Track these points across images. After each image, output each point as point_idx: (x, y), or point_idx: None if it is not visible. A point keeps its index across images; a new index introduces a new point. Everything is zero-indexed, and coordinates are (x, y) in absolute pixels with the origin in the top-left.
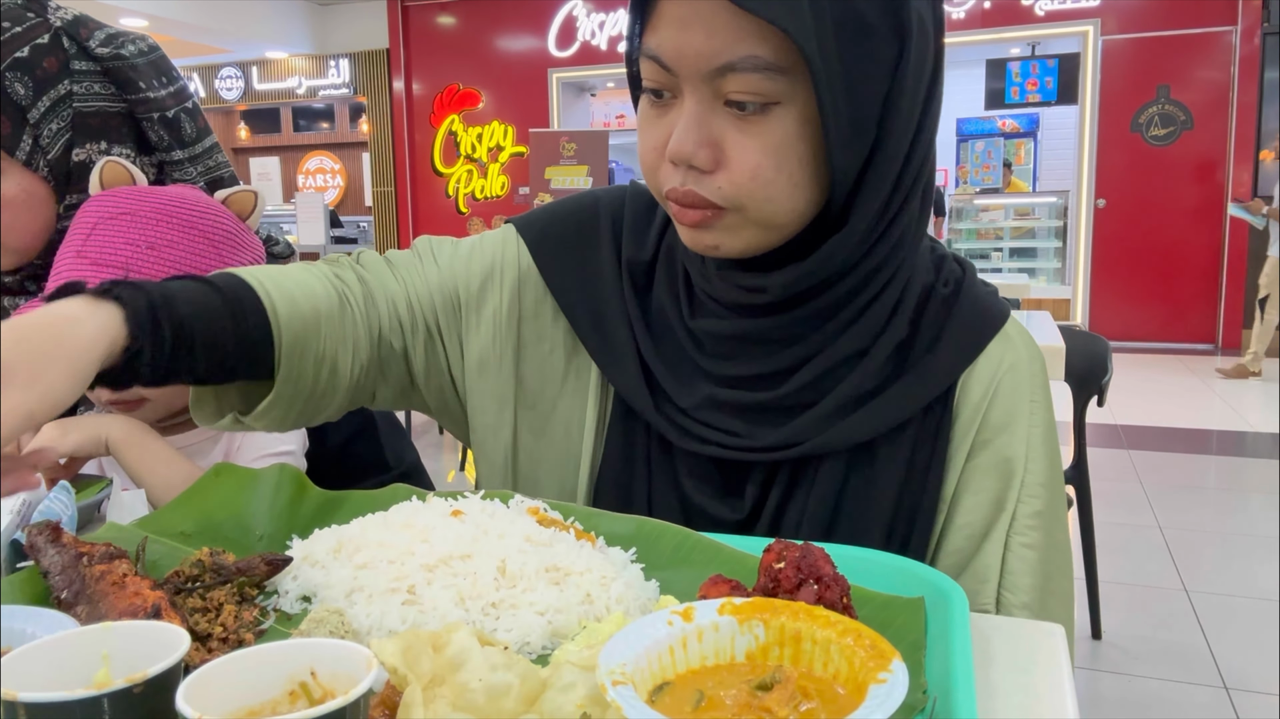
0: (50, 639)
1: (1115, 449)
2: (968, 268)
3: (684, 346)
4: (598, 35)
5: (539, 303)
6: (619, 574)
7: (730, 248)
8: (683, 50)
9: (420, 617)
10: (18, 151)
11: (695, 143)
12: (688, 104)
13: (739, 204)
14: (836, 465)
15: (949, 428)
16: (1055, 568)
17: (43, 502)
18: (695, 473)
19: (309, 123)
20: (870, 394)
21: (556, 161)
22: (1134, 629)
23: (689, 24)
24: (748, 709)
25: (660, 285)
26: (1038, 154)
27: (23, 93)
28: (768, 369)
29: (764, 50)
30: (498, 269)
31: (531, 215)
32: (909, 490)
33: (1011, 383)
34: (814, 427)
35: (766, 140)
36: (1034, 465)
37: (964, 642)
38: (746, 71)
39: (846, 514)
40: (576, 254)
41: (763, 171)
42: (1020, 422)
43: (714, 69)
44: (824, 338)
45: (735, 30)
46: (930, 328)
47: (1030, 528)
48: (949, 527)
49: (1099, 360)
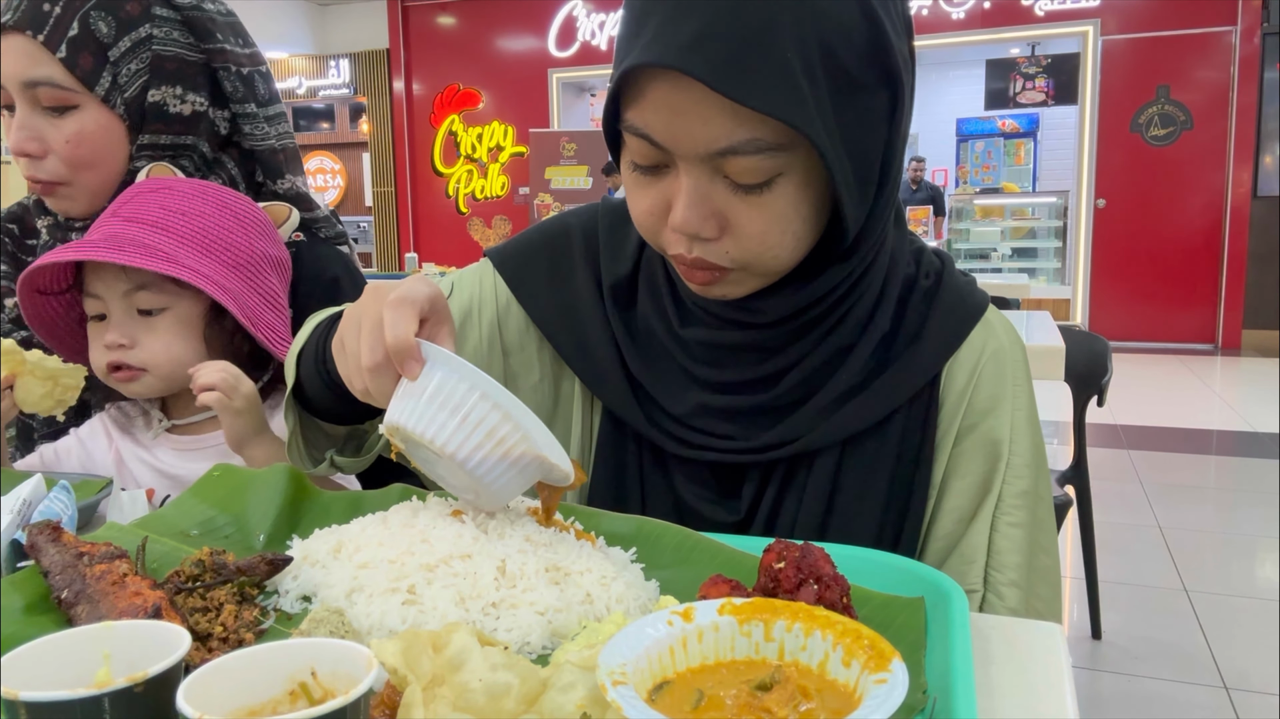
0: (51, 639)
1: (1115, 449)
2: (946, 260)
3: (673, 355)
4: (598, 35)
5: (523, 334)
6: (619, 574)
7: (737, 295)
8: (677, 134)
9: (420, 617)
10: (97, 87)
11: (700, 218)
12: (685, 181)
13: (746, 264)
14: (829, 460)
15: (935, 415)
16: (1040, 545)
17: (43, 502)
18: (690, 479)
19: (309, 123)
20: (859, 387)
21: (556, 161)
22: (1134, 629)
23: (681, 110)
24: (747, 709)
25: (643, 299)
26: (1038, 154)
27: (105, 31)
28: (759, 374)
29: (763, 132)
30: (475, 307)
31: (507, 248)
32: (900, 479)
33: (994, 368)
34: (807, 423)
35: (772, 210)
36: (1019, 446)
37: (964, 642)
38: (748, 154)
39: (841, 508)
40: (554, 281)
41: (770, 237)
42: (1004, 404)
43: (714, 152)
44: (810, 343)
45: (732, 116)
46: (913, 319)
47: (1016, 507)
48: (938, 511)
49: (1099, 360)
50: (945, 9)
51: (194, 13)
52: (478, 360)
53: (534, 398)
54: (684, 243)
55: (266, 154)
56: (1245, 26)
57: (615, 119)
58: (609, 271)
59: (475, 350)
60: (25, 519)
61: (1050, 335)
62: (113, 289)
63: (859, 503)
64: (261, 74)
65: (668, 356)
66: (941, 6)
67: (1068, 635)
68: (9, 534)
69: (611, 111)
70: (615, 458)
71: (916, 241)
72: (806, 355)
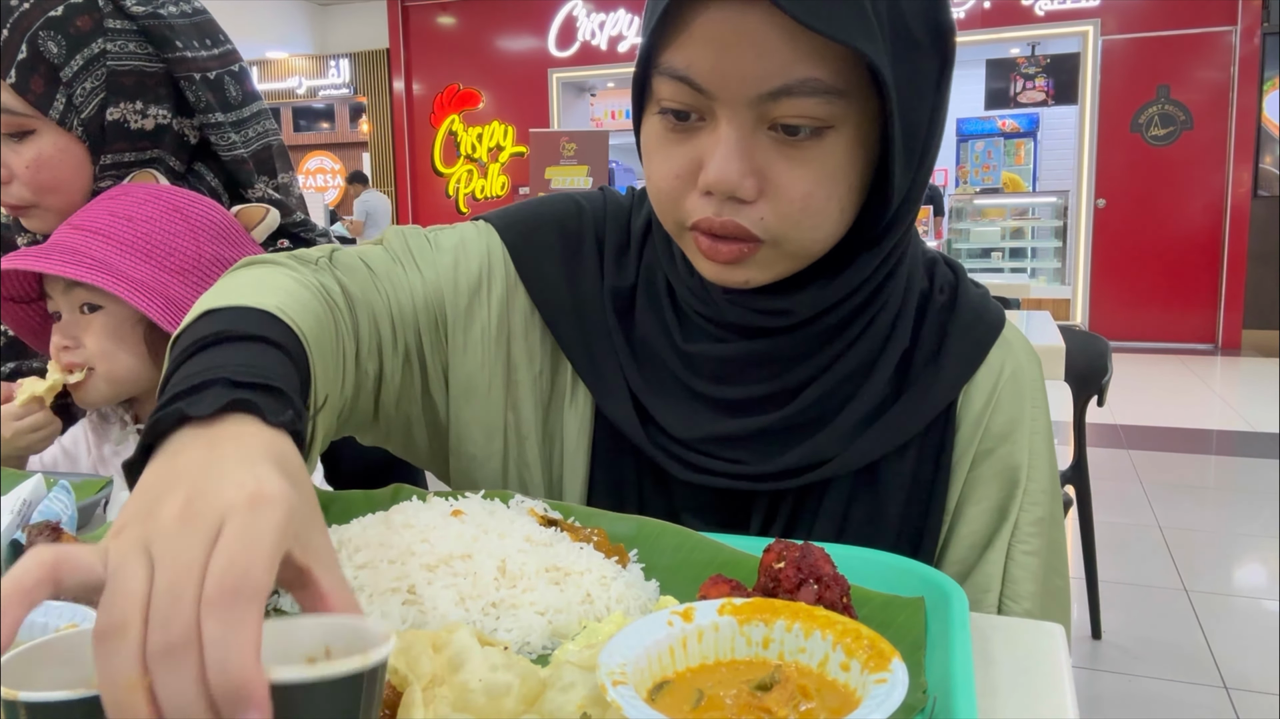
0: (50, 639)
1: (1115, 449)
2: (959, 271)
3: (675, 373)
4: (598, 35)
5: (527, 318)
6: (619, 574)
7: (760, 281)
8: (726, 72)
9: (420, 617)
10: (51, 110)
11: (740, 172)
12: (726, 129)
13: (780, 236)
14: (842, 487)
15: (951, 439)
16: (1053, 569)
17: (43, 502)
18: (694, 506)
19: (309, 123)
20: (879, 409)
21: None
22: (1134, 629)
23: (733, 43)
24: (747, 709)
25: (643, 311)
26: (1038, 154)
27: (56, 51)
28: (771, 390)
29: (823, 72)
30: (484, 280)
31: (512, 217)
32: (914, 506)
33: (1013, 390)
34: (830, 447)
35: (819, 168)
36: (1036, 473)
37: (964, 642)
38: (803, 96)
39: (852, 538)
40: (562, 267)
41: (814, 201)
42: (1022, 429)
43: (765, 93)
44: (831, 354)
45: (791, 50)
46: (930, 338)
47: (1032, 534)
48: (952, 537)
49: (1099, 360)
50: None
51: (150, 21)
52: (484, 347)
53: (533, 390)
54: (713, 205)
55: (234, 163)
56: (1245, 26)
57: (647, 67)
58: (611, 275)
59: (483, 334)
60: (25, 519)
61: (1050, 335)
62: (56, 288)
63: (871, 531)
64: (233, 74)
65: (669, 374)
66: None
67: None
68: (9, 534)
69: (645, 60)
70: (613, 472)
71: (929, 252)
72: (827, 368)
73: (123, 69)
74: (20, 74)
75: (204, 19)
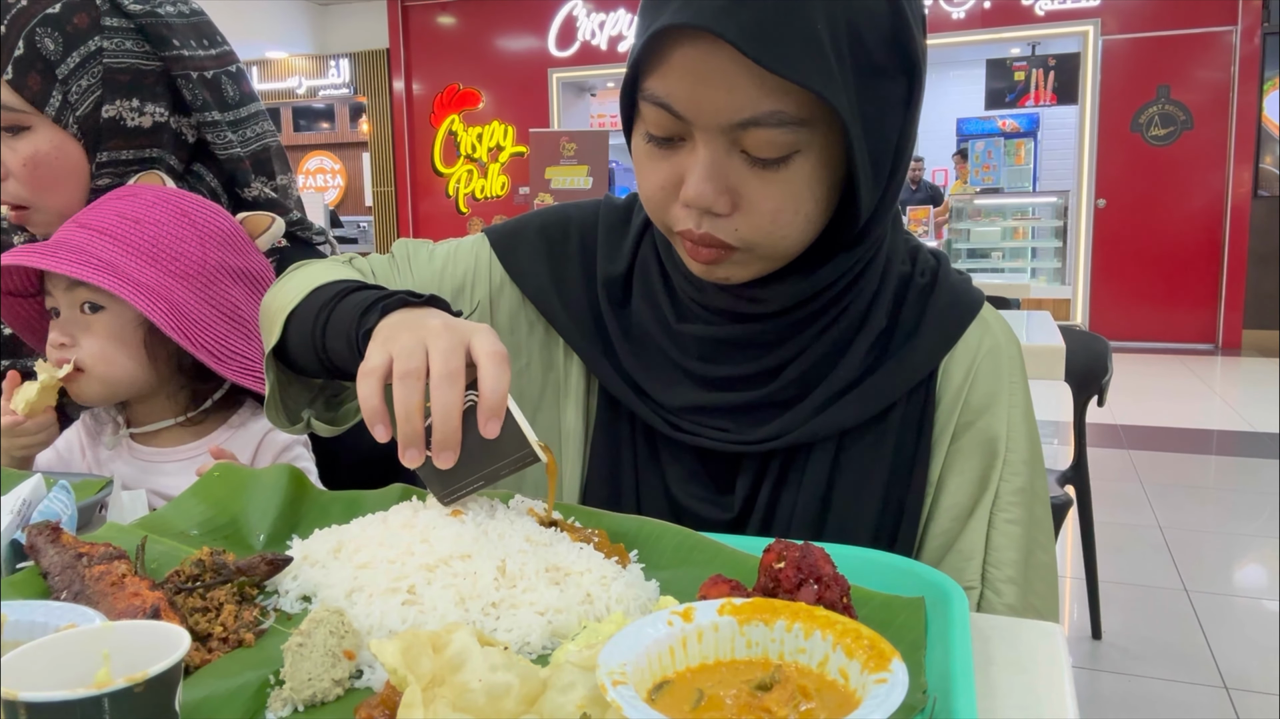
0: (50, 639)
1: (1115, 449)
2: (942, 259)
3: (667, 352)
4: (598, 35)
5: (514, 316)
6: (619, 574)
7: (740, 278)
8: (700, 103)
9: (420, 617)
10: (47, 107)
11: (715, 191)
12: (702, 152)
13: (753, 244)
14: (825, 455)
15: (932, 412)
16: (1037, 543)
17: (43, 502)
18: (684, 474)
19: (309, 123)
20: (856, 383)
21: (556, 161)
22: (1134, 629)
23: (706, 78)
24: (747, 709)
25: (638, 295)
26: (1038, 154)
27: (52, 48)
28: (753, 370)
29: (787, 105)
30: (469, 283)
31: (503, 226)
32: (896, 477)
33: (991, 365)
34: (804, 417)
35: (787, 186)
36: (1015, 444)
37: (964, 642)
38: (770, 126)
39: (837, 506)
40: (548, 264)
41: (783, 215)
42: (1001, 402)
43: (735, 123)
44: (809, 337)
45: (757, 86)
46: (910, 316)
47: (1013, 504)
48: (935, 509)
49: (1099, 360)
50: (945, 9)
51: (147, 20)
52: None
53: (518, 383)
54: (693, 218)
55: (231, 163)
56: (1245, 26)
57: (633, 90)
58: (604, 268)
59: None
60: (25, 519)
61: (1050, 335)
62: (58, 285)
63: (855, 499)
64: (230, 75)
65: (661, 353)
66: (942, 6)
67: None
68: (9, 534)
69: (630, 82)
70: (610, 447)
71: (912, 240)
72: (804, 350)
73: (119, 67)
74: (17, 70)
75: (201, 19)
